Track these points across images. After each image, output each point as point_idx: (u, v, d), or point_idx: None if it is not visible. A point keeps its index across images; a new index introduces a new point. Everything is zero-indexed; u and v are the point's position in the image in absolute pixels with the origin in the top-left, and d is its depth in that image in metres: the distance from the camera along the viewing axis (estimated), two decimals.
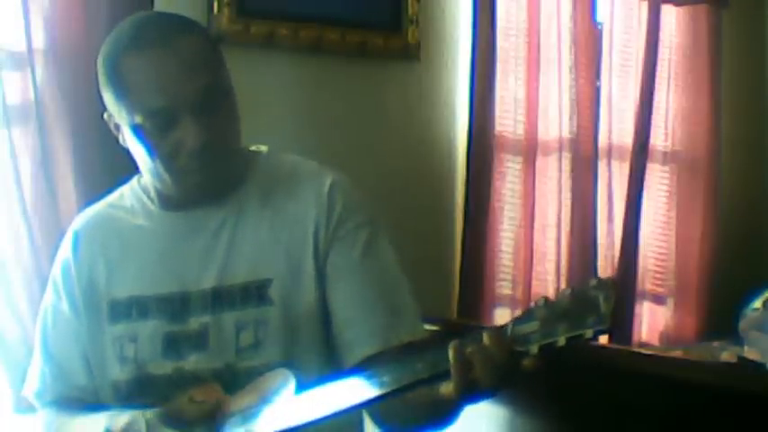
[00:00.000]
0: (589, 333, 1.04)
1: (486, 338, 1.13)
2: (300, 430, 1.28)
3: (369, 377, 1.23)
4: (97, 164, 2.26)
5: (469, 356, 1.14)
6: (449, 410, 1.30)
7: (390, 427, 1.46)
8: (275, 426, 1.29)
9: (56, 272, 1.59)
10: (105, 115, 1.49)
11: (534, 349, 1.09)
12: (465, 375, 1.15)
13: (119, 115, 1.45)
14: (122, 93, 1.42)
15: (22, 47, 2.30)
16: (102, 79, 1.45)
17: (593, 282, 1.06)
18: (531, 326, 1.09)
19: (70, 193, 2.35)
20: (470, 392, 1.16)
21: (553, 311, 1.08)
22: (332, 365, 1.45)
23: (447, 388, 1.18)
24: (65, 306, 1.56)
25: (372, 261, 1.48)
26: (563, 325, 1.06)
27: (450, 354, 1.15)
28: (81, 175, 2.34)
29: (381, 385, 1.21)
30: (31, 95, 2.31)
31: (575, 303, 1.06)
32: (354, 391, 1.23)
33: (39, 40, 2.33)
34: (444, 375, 1.17)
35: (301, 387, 1.31)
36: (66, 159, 2.35)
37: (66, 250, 1.58)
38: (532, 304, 1.11)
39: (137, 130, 1.42)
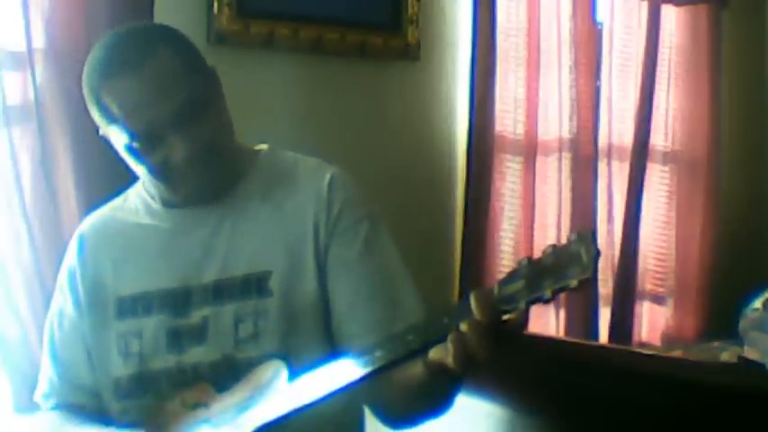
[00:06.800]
0: (574, 283, 1.05)
1: (475, 311, 1.13)
2: (299, 416, 1.29)
3: (361, 355, 1.25)
4: (97, 164, 2.25)
5: (464, 330, 1.15)
6: (446, 389, 1.32)
7: (393, 419, 1.48)
8: (270, 415, 1.30)
9: (62, 276, 1.62)
10: (101, 132, 1.51)
11: (521, 305, 1.11)
12: (462, 348, 1.15)
13: (108, 134, 1.49)
14: (106, 118, 1.45)
15: (22, 47, 2.30)
16: (87, 103, 1.48)
17: (573, 236, 1.07)
18: (517, 285, 1.10)
19: (70, 193, 2.35)
20: (468, 361, 1.17)
21: (537, 269, 1.09)
22: (331, 357, 1.46)
23: (438, 354, 1.19)
24: (69, 307, 1.59)
25: (372, 255, 1.49)
26: (548, 280, 1.08)
27: (450, 335, 1.16)
28: (81, 175, 2.34)
29: (375, 361, 1.23)
30: (31, 95, 2.31)
31: (557, 259, 1.07)
32: (349, 369, 1.25)
33: (39, 40, 2.33)
34: (435, 344, 1.19)
35: (297, 376, 1.32)
36: (66, 159, 2.35)
37: (71, 254, 1.61)
38: (516, 265, 1.12)
39: (127, 148, 1.46)
